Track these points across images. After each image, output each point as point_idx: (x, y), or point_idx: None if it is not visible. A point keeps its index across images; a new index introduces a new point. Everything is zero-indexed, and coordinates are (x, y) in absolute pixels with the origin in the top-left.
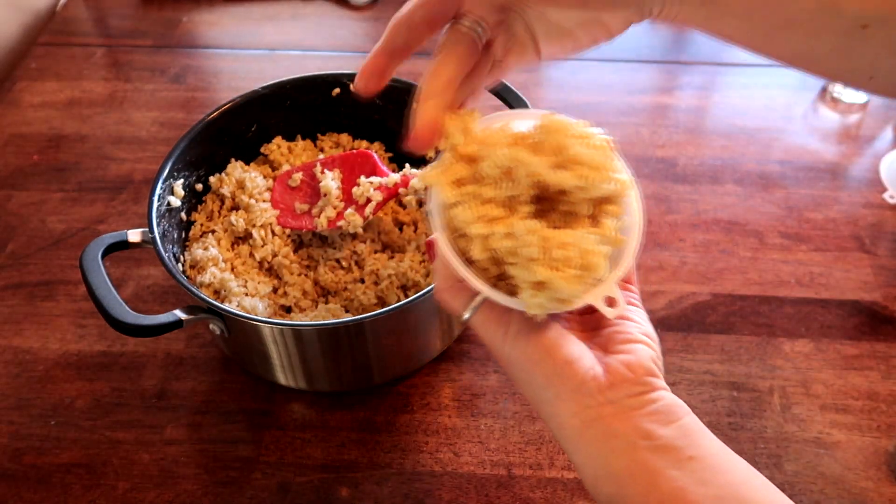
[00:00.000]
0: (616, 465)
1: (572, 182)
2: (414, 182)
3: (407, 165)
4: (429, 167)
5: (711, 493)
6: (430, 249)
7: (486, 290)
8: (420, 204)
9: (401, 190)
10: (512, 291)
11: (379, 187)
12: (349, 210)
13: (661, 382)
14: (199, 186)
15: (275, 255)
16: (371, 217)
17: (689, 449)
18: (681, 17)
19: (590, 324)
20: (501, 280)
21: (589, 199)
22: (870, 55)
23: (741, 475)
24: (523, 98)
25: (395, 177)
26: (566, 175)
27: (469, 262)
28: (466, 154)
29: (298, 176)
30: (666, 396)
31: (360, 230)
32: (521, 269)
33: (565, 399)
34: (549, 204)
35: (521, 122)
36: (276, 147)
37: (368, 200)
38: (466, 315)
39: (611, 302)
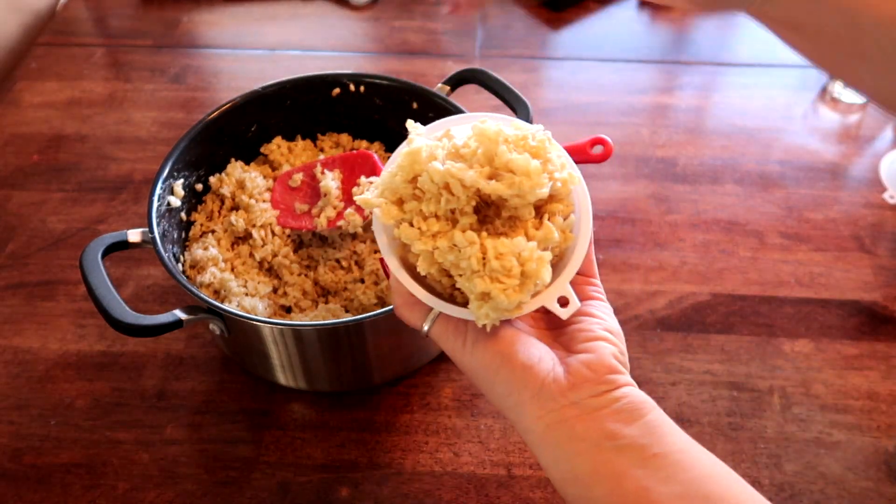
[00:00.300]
0: (581, 468)
1: (505, 192)
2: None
3: None
4: (369, 189)
5: (675, 491)
6: (385, 267)
7: (435, 302)
8: None
9: None
10: (467, 301)
11: None
12: (349, 210)
13: (626, 378)
14: (199, 186)
15: (275, 256)
16: (370, 216)
17: (653, 446)
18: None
19: (554, 322)
20: (457, 290)
21: (529, 204)
22: None
23: (707, 469)
24: (523, 98)
25: None
26: (498, 186)
27: (423, 275)
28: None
29: (299, 176)
30: (630, 393)
31: (359, 230)
32: (465, 281)
33: (527, 404)
34: (493, 210)
35: (462, 128)
36: (276, 147)
37: None
38: (425, 328)
39: (564, 301)
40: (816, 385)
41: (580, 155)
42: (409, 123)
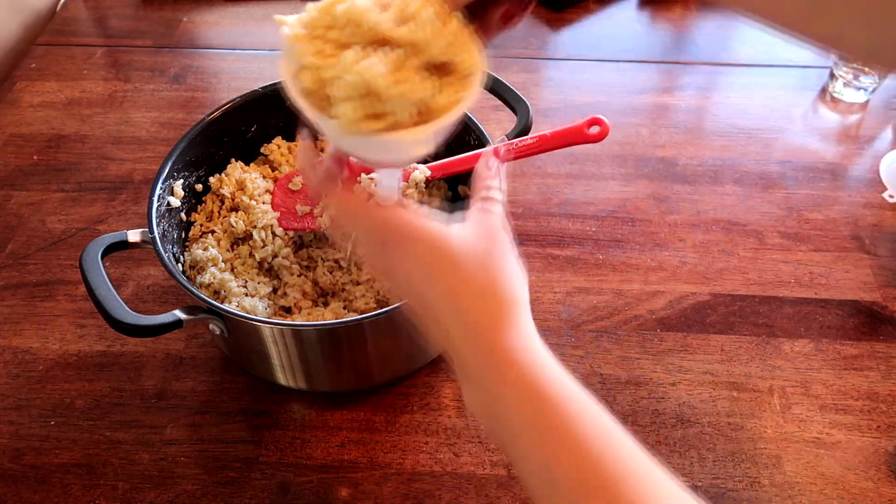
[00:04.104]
0: None
1: (417, 35)
2: (415, 175)
3: None
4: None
5: None
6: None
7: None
8: (421, 202)
9: (401, 184)
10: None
11: None
12: None
13: None
14: (199, 187)
15: (275, 256)
16: None
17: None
18: None
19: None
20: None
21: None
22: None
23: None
24: (523, 98)
25: None
26: (407, 29)
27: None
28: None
29: (299, 179)
30: None
31: None
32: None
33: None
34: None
35: None
36: (276, 147)
37: (370, 196)
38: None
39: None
40: (816, 385)
41: (578, 136)
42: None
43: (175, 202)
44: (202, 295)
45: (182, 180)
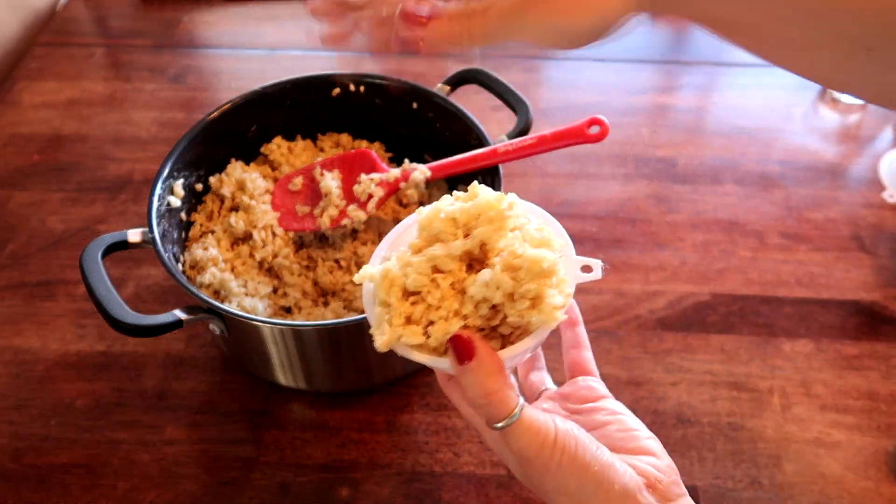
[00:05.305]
0: None
1: (493, 235)
2: (415, 175)
3: (406, 160)
4: (375, 338)
5: None
6: (461, 346)
7: (511, 351)
8: (421, 203)
9: (402, 184)
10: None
11: (380, 183)
12: (351, 206)
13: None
14: (199, 186)
15: (275, 256)
16: (374, 211)
17: None
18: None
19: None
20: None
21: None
22: (874, 73)
23: None
24: (523, 98)
25: (395, 172)
26: (480, 231)
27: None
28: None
29: (299, 180)
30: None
31: (361, 226)
32: (510, 306)
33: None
34: (478, 265)
35: (404, 233)
36: (276, 147)
37: (370, 196)
38: (516, 412)
39: (587, 269)
40: (816, 385)
41: (577, 136)
42: (357, 277)
43: (175, 202)
44: (202, 295)
45: (182, 180)
